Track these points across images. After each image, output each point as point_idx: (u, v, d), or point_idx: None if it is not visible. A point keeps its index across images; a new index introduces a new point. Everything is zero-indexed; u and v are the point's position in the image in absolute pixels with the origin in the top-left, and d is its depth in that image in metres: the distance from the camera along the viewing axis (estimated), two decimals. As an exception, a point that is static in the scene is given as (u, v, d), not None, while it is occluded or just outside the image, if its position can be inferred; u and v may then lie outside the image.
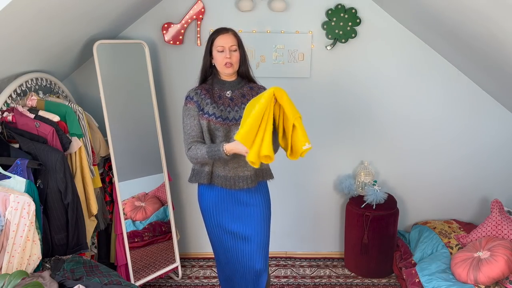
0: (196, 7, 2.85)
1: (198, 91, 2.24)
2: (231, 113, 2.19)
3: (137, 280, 2.79)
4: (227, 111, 2.20)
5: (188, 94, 2.26)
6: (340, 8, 2.85)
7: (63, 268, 2.08)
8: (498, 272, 2.37)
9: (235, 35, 2.20)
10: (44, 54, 2.39)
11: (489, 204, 3.01)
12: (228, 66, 2.17)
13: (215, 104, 2.20)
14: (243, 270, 2.38)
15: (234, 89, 2.24)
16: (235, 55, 2.18)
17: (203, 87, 2.25)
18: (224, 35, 2.17)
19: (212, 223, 2.34)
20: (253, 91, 2.26)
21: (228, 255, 2.39)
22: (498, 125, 3.11)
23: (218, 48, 2.16)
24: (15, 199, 1.92)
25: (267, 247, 2.39)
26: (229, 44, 2.16)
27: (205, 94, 2.23)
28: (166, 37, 2.90)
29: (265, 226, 2.35)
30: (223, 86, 2.24)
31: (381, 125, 3.13)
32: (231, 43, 2.16)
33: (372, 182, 3.11)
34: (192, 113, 2.22)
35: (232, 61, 2.17)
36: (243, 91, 2.25)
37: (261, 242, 2.33)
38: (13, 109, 2.26)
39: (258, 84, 2.32)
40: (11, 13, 1.70)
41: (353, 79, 3.03)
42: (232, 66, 2.18)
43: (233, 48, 2.17)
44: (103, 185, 2.78)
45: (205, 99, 2.21)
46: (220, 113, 2.18)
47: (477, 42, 2.36)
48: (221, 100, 2.22)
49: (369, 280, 3.11)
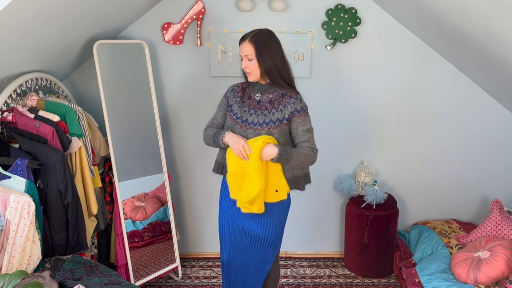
0: (196, 7, 2.85)
1: (235, 88, 2.29)
2: (252, 116, 2.17)
3: (137, 280, 2.79)
4: (249, 113, 2.18)
5: (228, 87, 2.32)
6: (340, 8, 2.85)
7: (63, 268, 2.08)
8: (498, 272, 2.37)
9: (253, 43, 2.10)
10: (44, 54, 2.39)
11: (489, 204, 3.01)
12: (248, 74, 2.18)
13: (242, 103, 2.22)
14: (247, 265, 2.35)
15: (264, 93, 2.20)
16: (252, 64, 2.12)
17: (243, 84, 2.29)
18: (242, 44, 2.14)
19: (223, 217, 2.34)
20: (283, 99, 2.15)
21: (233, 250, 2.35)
22: (498, 125, 3.11)
23: (239, 55, 2.17)
24: (15, 199, 1.92)
25: (279, 245, 2.37)
26: (245, 53, 2.12)
27: (239, 92, 2.26)
28: (166, 37, 2.90)
29: (279, 229, 2.31)
30: (254, 87, 2.23)
31: (381, 125, 3.13)
32: (246, 52, 2.12)
33: (372, 182, 3.11)
34: (222, 105, 2.30)
35: (249, 70, 2.14)
36: (272, 96, 2.18)
37: (272, 241, 2.30)
38: (13, 109, 2.26)
39: (292, 91, 2.17)
40: (11, 13, 1.70)
41: (353, 79, 3.03)
42: (251, 74, 2.15)
43: (249, 58, 2.12)
44: (103, 185, 2.78)
45: (236, 97, 2.25)
46: (242, 114, 2.19)
47: (477, 42, 2.36)
48: (249, 101, 2.21)
49: (369, 280, 3.11)
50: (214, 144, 2.23)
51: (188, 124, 3.12)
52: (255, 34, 2.13)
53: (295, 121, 2.14)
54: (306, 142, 2.16)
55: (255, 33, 2.13)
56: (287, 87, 2.17)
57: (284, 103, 2.14)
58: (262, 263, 2.34)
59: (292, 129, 2.17)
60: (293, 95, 2.15)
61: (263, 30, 2.16)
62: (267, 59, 2.11)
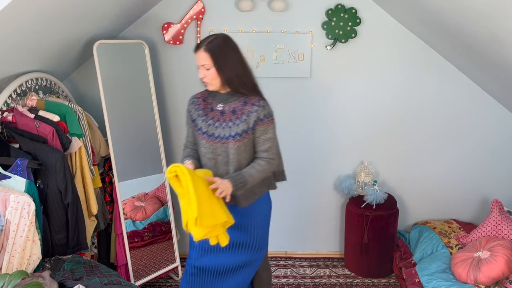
0: (196, 7, 2.85)
1: (195, 100, 2.15)
2: (218, 130, 2.05)
3: (137, 280, 2.79)
4: (214, 126, 2.06)
5: (189, 100, 2.19)
6: (340, 8, 2.85)
7: (63, 268, 2.08)
8: (498, 272, 2.37)
9: (209, 52, 1.95)
10: (44, 54, 2.39)
11: (489, 204, 3.01)
12: (206, 84, 2.04)
13: (205, 116, 2.09)
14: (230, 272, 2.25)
15: (226, 102, 2.06)
16: (209, 73, 1.98)
17: (203, 94, 2.16)
18: (197, 53, 1.99)
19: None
20: (246, 107, 2.02)
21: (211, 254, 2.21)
22: (498, 125, 3.11)
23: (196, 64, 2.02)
24: (15, 199, 1.92)
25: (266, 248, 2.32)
26: (200, 62, 1.98)
27: (200, 104, 2.12)
28: (166, 37, 2.90)
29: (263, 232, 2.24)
30: (215, 98, 2.10)
31: (381, 125, 3.13)
32: (202, 61, 1.97)
33: (372, 182, 3.11)
34: (188, 121, 2.19)
35: (207, 80, 2.00)
36: (235, 105, 2.04)
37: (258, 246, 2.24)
38: (13, 109, 2.26)
39: (255, 97, 2.04)
40: (11, 13, 1.70)
41: (353, 79, 3.03)
42: (210, 84, 2.02)
43: (206, 67, 1.97)
44: (103, 185, 2.78)
45: (198, 110, 2.12)
46: (207, 128, 2.07)
47: (477, 42, 2.36)
48: (213, 113, 2.08)
49: (369, 280, 3.11)
50: None
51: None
52: (210, 42, 1.97)
53: (258, 129, 2.03)
54: (265, 152, 2.06)
55: (210, 40, 1.98)
56: (249, 94, 2.04)
57: (247, 112, 2.01)
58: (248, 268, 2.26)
59: (255, 137, 2.06)
60: (255, 102, 2.02)
61: (219, 36, 2.02)
62: (226, 68, 1.97)
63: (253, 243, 2.22)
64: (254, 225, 2.20)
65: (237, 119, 2.02)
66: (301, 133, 3.13)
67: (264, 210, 2.24)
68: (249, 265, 2.26)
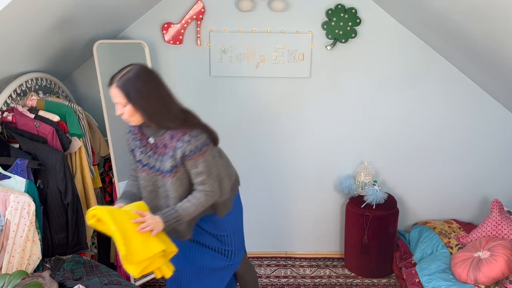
0: (196, 7, 2.85)
1: (132, 129, 2.01)
2: (157, 162, 1.93)
3: (137, 280, 2.79)
4: (154, 158, 1.93)
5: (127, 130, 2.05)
6: (340, 8, 2.85)
7: (63, 268, 2.08)
8: (498, 272, 2.37)
9: (121, 89, 1.78)
10: (44, 54, 2.39)
11: (489, 204, 3.01)
12: (127, 121, 1.87)
13: (144, 148, 1.96)
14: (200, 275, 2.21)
15: (155, 136, 1.93)
16: (126, 110, 1.82)
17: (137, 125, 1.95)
18: (109, 88, 1.81)
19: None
20: (173, 141, 1.88)
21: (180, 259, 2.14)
22: (498, 125, 3.11)
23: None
24: (15, 199, 1.92)
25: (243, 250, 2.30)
26: (115, 100, 1.81)
27: (137, 134, 1.99)
28: (166, 37, 2.90)
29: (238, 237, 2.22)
30: (146, 131, 1.97)
31: (381, 125, 3.12)
32: (115, 99, 1.81)
33: (372, 182, 3.11)
34: (128, 149, 2.05)
35: (125, 117, 1.84)
36: (164, 139, 1.90)
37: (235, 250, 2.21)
38: (13, 109, 2.26)
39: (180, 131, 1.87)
40: (11, 13, 1.70)
41: (353, 79, 3.03)
42: (129, 120, 1.86)
43: (122, 104, 1.80)
44: (103, 185, 2.78)
45: (135, 140, 1.99)
46: (147, 160, 1.95)
47: (477, 42, 2.36)
48: (149, 144, 1.96)
49: (369, 280, 3.11)
50: None
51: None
52: (121, 76, 1.80)
53: (187, 164, 1.90)
54: (201, 185, 1.93)
55: (122, 75, 1.80)
56: (177, 126, 1.89)
57: (173, 148, 1.88)
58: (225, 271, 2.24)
59: (187, 170, 1.93)
60: (180, 137, 1.87)
61: (132, 69, 1.82)
62: (143, 103, 1.80)
63: (228, 251, 2.20)
64: (227, 234, 2.18)
65: (166, 155, 1.90)
66: (301, 133, 3.13)
67: (235, 218, 2.20)
68: (226, 269, 2.24)
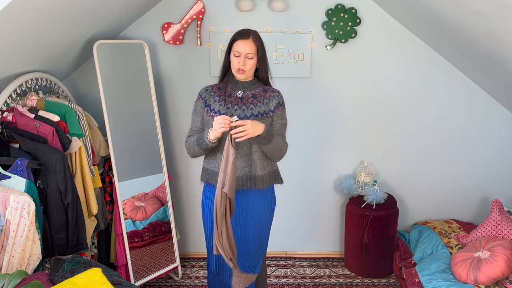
0: (196, 7, 2.85)
1: (209, 88, 2.25)
2: (237, 111, 2.16)
3: (137, 280, 2.79)
4: (233, 109, 2.17)
5: (200, 91, 2.27)
6: (340, 8, 2.85)
7: (63, 268, 2.08)
8: (498, 272, 2.37)
9: (256, 42, 2.11)
10: (44, 54, 2.39)
11: (489, 204, 3.01)
12: (241, 72, 2.13)
13: (223, 101, 2.18)
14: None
15: (246, 90, 2.20)
16: (250, 62, 2.12)
17: (216, 85, 2.26)
18: (243, 41, 2.10)
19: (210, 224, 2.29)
20: (267, 93, 2.21)
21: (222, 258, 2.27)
22: (498, 125, 3.11)
23: (235, 52, 2.11)
24: (15, 199, 1.92)
25: (265, 247, 2.36)
26: (246, 51, 2.09)
27: (215, 92, 2.22)
28: (166, 37, 2.90)
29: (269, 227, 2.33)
30: (236, 86, 2.21)
31: (381, 125, 3.13)
32: (248, 50, 2.09)
33: (372, 182, 3.11)
34: (198, 109, 2.25)
35: (245, 68, 2.12)
36: (255, 91, 2.20)
37: (263, 239, 2.30)
38: (13, 109, 2.26)
39: (272, 87, 2.25)
40: (11, 13, 1.70)
41: (353, 79, 3.03)
42: (244, 72, 2.13)
43: (250, 56, 2.10)
44: (103, 185, 2.78)
45: (213, 96, 2.21)
46: (225, 111, 2.16)
47: (477, 42, 2.36)
48: (230, 99, 2.19)
49: (369, 280, 3.11)
50: (200, 148, 2.15)
51: (188, 124, 3.07)
52: (255, 33, 2.13)
53: (276, 113, 2.20)
54: (281, 136, 2.21)
55: (254, 32, 2.13)
56: (268, 84, 2.24)
57: (268, 97, 2.19)
58: (252, 267, 2.31)
59: (273, 121, 2.20)
60: (275, 90, 2.23)
61: (255, 30, 2.17)
62: (263, 59, 2.16)
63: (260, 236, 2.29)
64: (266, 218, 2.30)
65: (259, 102, 2.17)
66: (301, 133, 3.13)
67: (273, 205, 2.35)
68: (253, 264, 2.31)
